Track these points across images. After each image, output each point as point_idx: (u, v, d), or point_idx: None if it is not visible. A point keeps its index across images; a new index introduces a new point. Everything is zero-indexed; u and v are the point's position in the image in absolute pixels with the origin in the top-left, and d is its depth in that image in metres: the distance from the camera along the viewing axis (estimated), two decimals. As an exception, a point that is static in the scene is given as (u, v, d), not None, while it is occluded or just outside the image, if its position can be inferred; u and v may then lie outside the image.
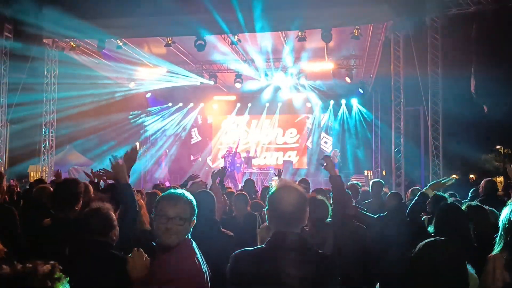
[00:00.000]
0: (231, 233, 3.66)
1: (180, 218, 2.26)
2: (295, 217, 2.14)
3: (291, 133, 20.83)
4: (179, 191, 2.41)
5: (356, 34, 12.36)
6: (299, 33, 12.72)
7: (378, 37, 13.37)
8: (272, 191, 2.21)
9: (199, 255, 2.32)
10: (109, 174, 4.67)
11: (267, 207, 2.21)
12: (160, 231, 2.26)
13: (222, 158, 18.07)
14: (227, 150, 17.27)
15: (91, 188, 4.05)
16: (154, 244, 2.34)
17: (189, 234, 2.34)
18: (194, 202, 2.37)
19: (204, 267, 2.29)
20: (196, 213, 2.36)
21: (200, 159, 21.26)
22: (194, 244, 2.35)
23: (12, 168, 13.99)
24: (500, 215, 3.01)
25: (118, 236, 2.85)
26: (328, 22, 11.73)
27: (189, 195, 2.38)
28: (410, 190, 6.64)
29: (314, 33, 12.58)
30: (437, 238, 2.12)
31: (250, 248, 2.21)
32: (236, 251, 2.20)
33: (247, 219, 4.87)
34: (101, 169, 4.77)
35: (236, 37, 12.99)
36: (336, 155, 16.26)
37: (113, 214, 2.86)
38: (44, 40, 13.51)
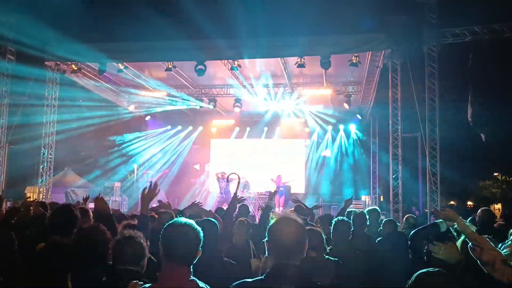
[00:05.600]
0: (234, 262, 3.63)
1: None
2: (295, 249, 2.15)
3: (288, 157, 20.77)
4: (183, 219, 2.30)
5: (354, 61, 12.52)
6: (299, 59, 12.87)
7: (376, 64, 13.51)
8: (271, 222, 2.22)
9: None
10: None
11: (266, 239, 2.21)
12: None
13: (217, 180, 17.93)
14: (222, 175, 17.14)
15: (90, 213, 4.04)
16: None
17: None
18: (201, 233, 2.26)
19: None
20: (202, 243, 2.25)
21: (197, 183, 21.15)
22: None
23: (9, 189, 13.93)
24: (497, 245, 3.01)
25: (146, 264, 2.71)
26: (327, 50, 11.91)
27: (196, 225, 2.27)
28: (404, 218, 6.61)
29: (313, 59, 12.75)
30: (430, 269, 2.14)
31: (250, 280, 2.21)
32: (235, 283, 2.20)
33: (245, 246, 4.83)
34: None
35: (236, 62, 13.15)
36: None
37: (145, 242, 2.74)
38: (46, 63, 13.67)
